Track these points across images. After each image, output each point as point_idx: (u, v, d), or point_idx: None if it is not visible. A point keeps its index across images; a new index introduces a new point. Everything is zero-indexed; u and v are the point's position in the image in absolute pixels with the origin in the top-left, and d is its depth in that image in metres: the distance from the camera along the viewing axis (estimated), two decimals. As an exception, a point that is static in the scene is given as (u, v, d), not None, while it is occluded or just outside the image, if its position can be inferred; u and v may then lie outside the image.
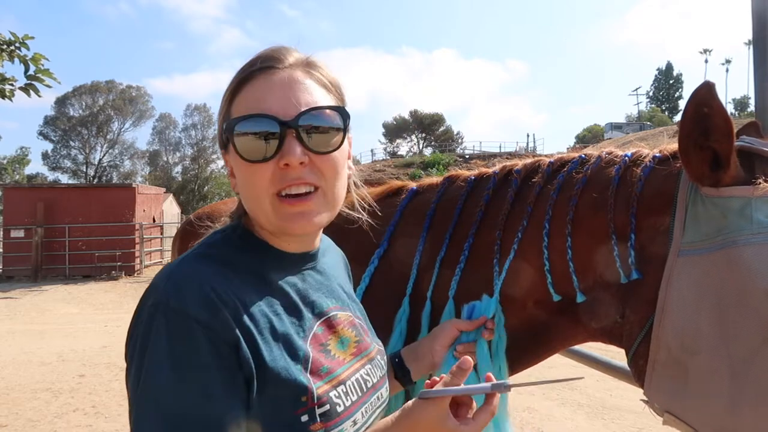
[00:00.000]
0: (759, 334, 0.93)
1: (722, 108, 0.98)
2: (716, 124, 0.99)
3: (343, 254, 1.23)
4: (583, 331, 1.25)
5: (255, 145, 0.86)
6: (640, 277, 1.11)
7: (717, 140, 1.00)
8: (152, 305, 0.79)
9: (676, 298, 1.03)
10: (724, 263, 0.97)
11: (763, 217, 0.96)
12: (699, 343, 0.99)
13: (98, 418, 5.25)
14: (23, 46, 4.27)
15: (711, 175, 1.03)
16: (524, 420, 5.08)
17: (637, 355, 1.11)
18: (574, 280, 1.20)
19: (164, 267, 0.87)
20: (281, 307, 0.89)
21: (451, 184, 1.48)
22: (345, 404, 0.89)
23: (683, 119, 1.02)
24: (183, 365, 0.76)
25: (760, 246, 0.94)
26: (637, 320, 1.11)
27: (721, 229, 0.99)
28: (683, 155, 1.04)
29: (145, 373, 0.76)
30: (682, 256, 1.04)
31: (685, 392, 1.02)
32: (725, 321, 0.97)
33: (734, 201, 0.99)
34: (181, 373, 0.76)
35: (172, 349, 0.76)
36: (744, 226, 0.97)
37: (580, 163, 1.29)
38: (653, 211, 1.12)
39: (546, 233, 1.23)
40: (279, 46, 0.96)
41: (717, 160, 1.02)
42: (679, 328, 1.02)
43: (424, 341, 1.25)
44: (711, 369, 0.98)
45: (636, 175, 1.16)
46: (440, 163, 38.70)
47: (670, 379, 1.04)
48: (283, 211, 0.88)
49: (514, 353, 1.32)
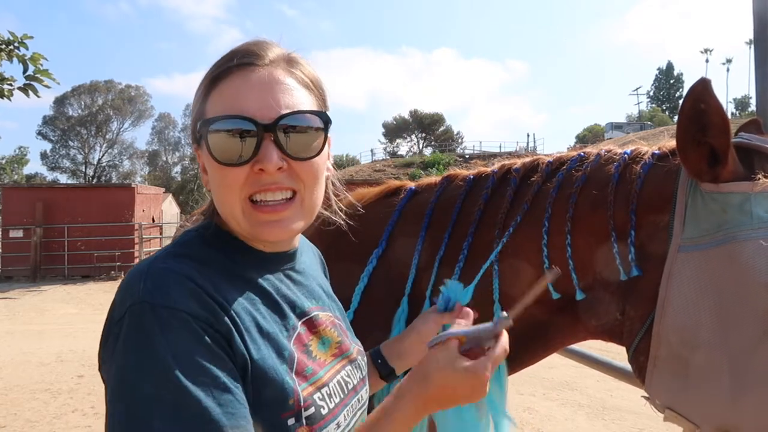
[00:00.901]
0: (759, 327, 0.94)
1: (719, 104, 0.98)
2: (713, 120, 0.99)
3: (319, 253, 1.19)
4: (583, 329, 1.25)
5: (229, 147, 0.81)
6: (640, 274, 1.11)
7: (714, 136, 1.01)
8: (133, 305, 0.72)
9: (677, 294, 1.03)
10: (725, 258, 0.98)
11: (762, 212, 0.96)
12: (699, 338, 1.00)
13: (97, 418, 5.24)
14: (22, 45, 4.25)
15: (709, 171, 1.04)
16: (524, 420, 5.07)
17: (638, 352, 1.11)
18: (574, 278, 1.20)
19: (133, 269, 0.79)
20: (263, 306, 0.85)
21: (450, 183, 1.48)
22: (329, 407, 0.86)
23: (680, 115, 1.02)
24: (189, 360, 0.70)
25: (760, 241, 0.95)
26: (637, 317, 1.11)
27: (721, 224, 1.00)
28: (681, 152, 1.05)
29: (144, 373, 0.69)
30: (682, 252, 1.04)
31: (687, 388, 1.02)
32: (725, 316, 0.97)
33: (734, 196, 1.00)
34: (190, 368, 0.70)
35: (171, 344, 0.70)
36: (744, 222, 0.97)
37: (580, 161, 1.29)
38: (653, 208, 1.12)
39: (545, 231, 1.23)
40: (259, 39, 0.90)
41: (715, 156, 1.03)
42: (680, 324, 1.02)
43: (407, 337, 1.18)
44: (712, 364, 0.98)
45: (635, 172, 1.16)
46: (440, 163, 38.67)
47: (671, 375, 1.04)
48: (255, 219, 0.84)
49: (513, 351, 1.31)
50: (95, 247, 17.33)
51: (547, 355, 1.35)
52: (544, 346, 1.32)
